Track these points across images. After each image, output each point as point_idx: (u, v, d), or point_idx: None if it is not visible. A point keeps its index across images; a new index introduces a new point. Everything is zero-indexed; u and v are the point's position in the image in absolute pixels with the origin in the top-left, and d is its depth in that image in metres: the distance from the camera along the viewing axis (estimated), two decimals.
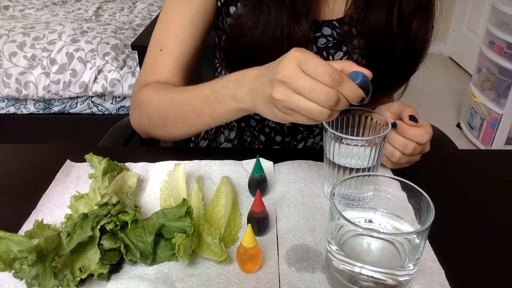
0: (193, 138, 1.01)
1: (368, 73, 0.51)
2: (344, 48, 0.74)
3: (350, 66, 0.51)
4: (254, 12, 0.66)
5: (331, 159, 0.57)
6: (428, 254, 0.51)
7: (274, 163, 0.68)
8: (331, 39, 0.74)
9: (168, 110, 0.67)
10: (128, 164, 0.67)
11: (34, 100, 1.85)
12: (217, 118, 0.63)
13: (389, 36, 0.69)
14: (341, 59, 0.75)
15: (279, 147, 0.88)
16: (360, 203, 0.52)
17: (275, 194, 0.62)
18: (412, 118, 0.61)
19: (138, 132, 0.79)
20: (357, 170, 0.56)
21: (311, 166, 0.67)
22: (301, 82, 0.48)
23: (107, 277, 0.47)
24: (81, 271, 0.46)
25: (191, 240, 0.48)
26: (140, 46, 1.51)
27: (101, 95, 1.83)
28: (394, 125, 0.61)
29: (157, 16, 1.83)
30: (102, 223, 0.49)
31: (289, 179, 0.64)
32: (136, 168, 0.67)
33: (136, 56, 1.77)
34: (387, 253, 0.46)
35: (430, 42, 0.73)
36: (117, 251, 0.49)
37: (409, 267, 0.44)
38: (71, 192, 0.61)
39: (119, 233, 0.50)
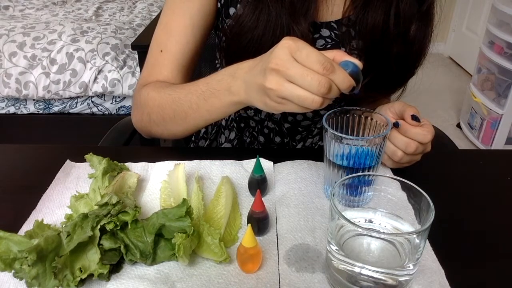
0: (193, 138, 1.01)
1: (358, 63, 0.51)
2: (343, 49, 0.74)
3: (341, 56, 0.52)
4: (254, 12, 0.67)
5: (331, 159, 0.57)
6: (428, 254, 0.51)
7: (274, 163, 0.68)
8: (329, 41, 0.74)
9: (167, 108, 0.67)
10: (128, 164, 0.67)
11: (34, 100, 1.85)
12: (214, 113, 0.63)
13: (386, 38, 0.69)
14: None
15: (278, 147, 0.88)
16: (360, 203, 0.52)
17: (275, 194, 0.62)
18: (414, 117, 0.61)
19: (140, 132, 0.79)
20: (357, 170, 0.56)
21: (311, 166, 0.67)
22: (293, 70, 0.49)
23: (107, 277, 0.47)
24: (81, 271, 0.46)
25: (191, 240, 0.48)
26: (140, 46, 1.51)
27: (101, 95, 1.83)
28: (396, 125, 0.61)
29: (157, 16, 1.82)
30: (102, 223, 0.48)
31: (289, 179, 0.64)
32: (136, 168, 0.67)
33: (136, 56, 1.77)
34: (387, 253, 0.46)
35: (428, 46, 0.73)
36: (117, 251, 0.49)
37: (409, 267, 0.44)
38: (71, 192, 0.61)
39: (119, 233, 0.50)
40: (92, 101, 1.85)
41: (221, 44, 0.77)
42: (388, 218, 0.50)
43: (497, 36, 2.14)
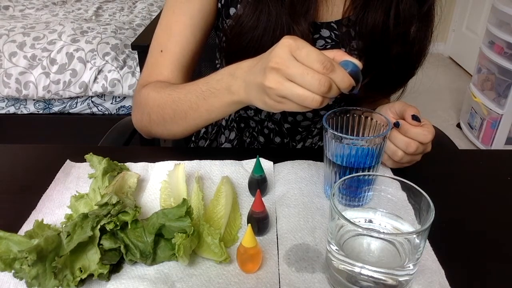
0: (193, 138, 1.02)
1: (358, 63, 0.51)
2: (343, 50, 0.74)
3: (341, 55, 0.52)
4: (254, 12, 0.67)
5: (331, 159, 0.57)
6: (428, 254, 0.51)
7: (274, 163, 0.68)
8: (329, 41, 0.74)
9: (167, 107, 0.67)
10: (128, 164, 0.67)
11: (34, 100, 1.85)
12: (213, 112, 0.63)
13: (386, 38, 0.69)
14: None
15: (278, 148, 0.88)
16: (360, 203, 0.52)
17: (275, 194, 0.62)
18: (415, 117, 0.61)
19: (140, 132, 0.79)
20: (357, 170, 0.56)
21: (311, 166, 0.67)
22: (293, 69, 0.49)
23: (107, 277, 0.47)
24: (81, 271, 0.46)
25: (191, 240, 0.48)
26: (140, 46, 1.51)
27: (101, 95, 1.83)
28: (397, 125, 0.61)
29: (157, 16, 1.82)
30: (102, 223, 0.48)
31: (289, 179, 0.64)
32: (136, 168, 0.67)
33: (136, 56, 1.77)
34: (387, 253, 0.46)
35: (428, 47, 0.73)
36: (117, 251, 0.49)
37: (409, 267, 0.44)
38: (71, 192, 0.61)
39: (119, 233, 0.50)
40: (92, 101, 1.85)
41: (221, 44, 0.77)
42: (388, 218, 0.50)
43: (497, 36, 2.14)
